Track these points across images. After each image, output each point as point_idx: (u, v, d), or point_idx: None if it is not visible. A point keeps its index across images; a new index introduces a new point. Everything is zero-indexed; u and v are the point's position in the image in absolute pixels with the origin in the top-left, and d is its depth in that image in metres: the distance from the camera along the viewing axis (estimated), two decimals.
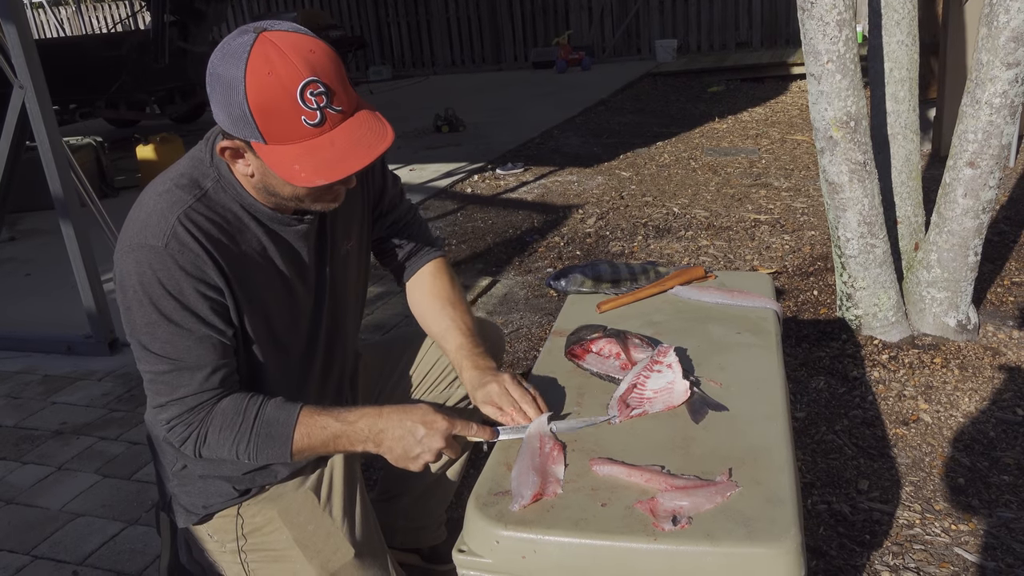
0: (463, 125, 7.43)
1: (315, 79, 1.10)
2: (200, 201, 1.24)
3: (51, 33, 14.75)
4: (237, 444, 1.26)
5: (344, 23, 12.91)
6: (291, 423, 1.27)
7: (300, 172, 1.13)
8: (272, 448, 1.27)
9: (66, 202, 3.13)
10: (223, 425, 1.26)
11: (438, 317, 1.56)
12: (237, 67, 1.10)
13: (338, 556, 1.39)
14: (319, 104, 1.11)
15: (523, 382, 1.38)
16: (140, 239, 1.21)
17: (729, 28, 11.09)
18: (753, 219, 4.21)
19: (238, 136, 1.16)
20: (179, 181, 1.26)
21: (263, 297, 1.33)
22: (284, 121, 1.11)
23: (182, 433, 1.27)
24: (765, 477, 1.15)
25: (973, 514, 1.92)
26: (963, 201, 2.48)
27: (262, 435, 1.26)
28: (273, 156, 1.14)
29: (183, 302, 1.21)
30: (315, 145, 1.13)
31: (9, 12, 2.93)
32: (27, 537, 2.18)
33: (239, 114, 1.12)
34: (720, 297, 1.77)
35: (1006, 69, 2.29)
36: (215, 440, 1.27)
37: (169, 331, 1.21)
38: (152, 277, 1.19)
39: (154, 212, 1.22)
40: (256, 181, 1.24)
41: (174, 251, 1.19)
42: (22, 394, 3.04)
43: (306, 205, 1.28)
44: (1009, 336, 2.66)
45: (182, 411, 1.26)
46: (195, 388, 1.25)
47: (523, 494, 1.14)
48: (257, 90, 1.09)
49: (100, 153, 6.00)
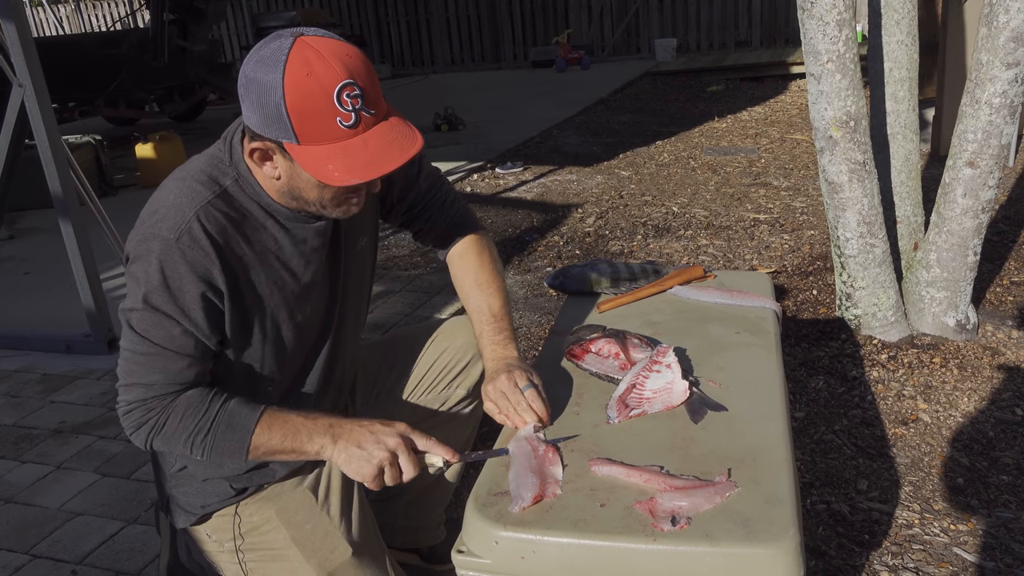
0: (462, 124, 7.42)
1: (352, 81, 1.13)
2: (219, 198, 1.26)
3: (50, 31, 14.73)
4: (195, 435, 1.25)
5: (343, 22, 12.91)
6: (254, 417, 1.27)
7: (334, 172, 1.15)
8: (230, 440, 1.26)
9: (65, 200, 3.12)
10: (185, 413, 1.26)
11: (465, 298, 1.58)
12: (275, 69, 1.12)
13: (336, 555, 1.40)
14: (355, 106, 1.14)
15: (531, 381, 1.37)
16: (155, 229, 1.22)
17: (729, 27, 11.09)
18: (752, 218, 4.21)
19: (269, 137, 1.17)
20: (199, 177, 1.27)
21: (276, 295, 1.33)
22: (320, 122, 1.13)
23: (139, 418, 1.27)
24: (764, 477, 1.15)
25: (972, 514, 1.92)
26: (962, 201, 2.48)
27: (222, 425, 1.26)
28: (306, 156, 1.16)
29: (179, 299, 1.22)
30: (349, 146, 1.15)
31: (8, 10, 2.92)
32: (26, 536, 2.17)
33: (274, 114, 1.13)
34: (719, 297, 1.77)
35: (1006, 69, 2.29)
36: (173, 429, 1.26)
37: (157, 318, 1.23)
38: (157, 267, 1.21)
39: (173, 205, 1.24)
40: (282, 184, 1.25)
41: (185, 246, 1.21)
42: (21, 393, 3.04)
43: (328, 211, 1.29)
44: (1008, 336, 2.66)
45: (147, 396, 1.26)
46: (168, 377, 1.26)
47: (523, 496, 1.14)
48: (295, 91, 1.11)
49: (99, 151, 5.99)
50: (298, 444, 1.27)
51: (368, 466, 1.23)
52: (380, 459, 1.23)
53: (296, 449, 1.28)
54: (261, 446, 1.27)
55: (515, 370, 1.39)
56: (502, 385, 1.37)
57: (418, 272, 3.92)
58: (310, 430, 1.27)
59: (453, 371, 1.68)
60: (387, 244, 4.38)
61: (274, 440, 1.27)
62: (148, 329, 1.23)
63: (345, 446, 1.25)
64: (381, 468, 1.23)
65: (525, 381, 1.37)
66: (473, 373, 1.69)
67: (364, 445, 1.24)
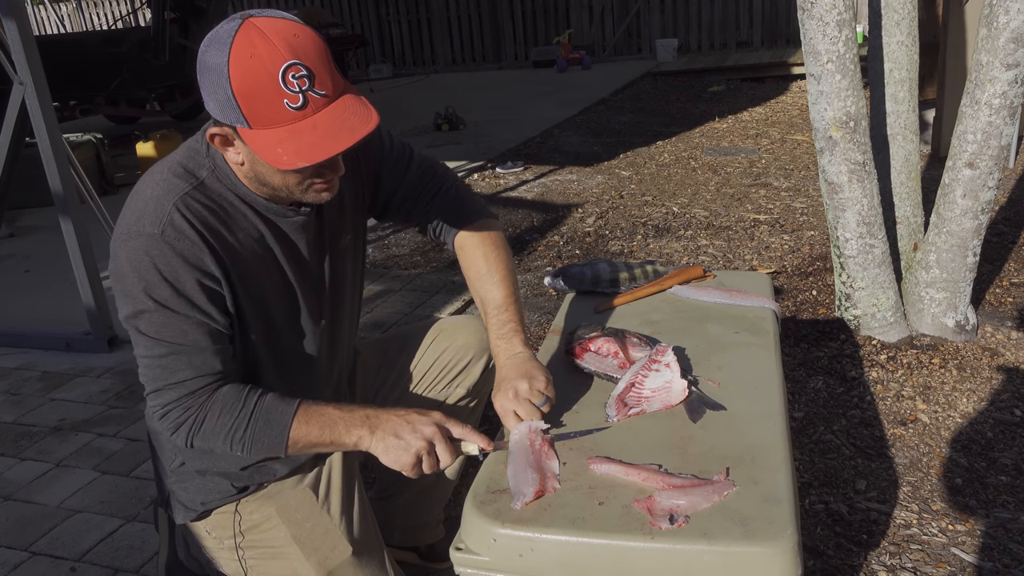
0: (463, 123, 7.42)
1: (297, 62, 1.11)
2: (196, 189, 1.25)
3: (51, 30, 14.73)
4: (234, 431, 1.25)
5: (345, 21, 12.90)
6: (291, 411, 1.27)
7: (282, 155, 1.13)
8: (269, 436, 1.26)
9: (66, 198, 3.13)
10: (223, 410, 1.25)
11: (472, 293, 1.54)
12: (222, 52, 1.10)
13: (336, 554, 1.40)
14: (301, 87, 1.11)
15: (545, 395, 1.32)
16: (137, 227, 1.21)
17: (730, 28, 11.09)
18: (752, 219, 4.21)
19: (225, 122, 1.16)
20: (175, 170, 1.26)
21: (262, 287, 1.32)
22: (267, 104, 1.12)
23: (178, 418, 1.25)
24: (762, 476, 1.16)
25: (970, 514, 1.92)
26: (962, 202, 2.48)
27: (260, 421, 1.25)
28: (258, 141, 1.14)
29: (179, 289, 1.20)
30: (297, 129, 1.13)
31: (10, 8, 2.93)
32: (25, 533, 2.18)
33: (224, 99, 1.12)
34: (719, 296, 1.77)
35: (1006, 70, 2.29)
36: (212, 426, 1.25)
37: (165, 316, 1.21)
38: (149, 264, 1.19)
39: (150, 200, 1.23)
40: (247, 170, 1.24)
41: (171, 238, 1.20)
42: (21, 390, 3.04)
43: (298, 196, 1.27)
44: (1007, 337, 2.67)
45: (181, 395, 1.24)
46: (195, 371, 1.24)
47: (524, 492, 1.14)
48: (240, 74, 1.10)
49: (100, 150, 5.99)
50: (336, 436, 1.27)
51: (406, 455, 1.24)
52: (418, 448, 1.23)
53: (334, 441, 1.28)
54: (300, 439, 1.27)
55: (523, 382, 1.32)
56: (510, 403, 1.31)
57: (418, 271, 3.92)
58: (347, 422, 1.27)
59: (453, 370, 1.68)
60: (387, 243, 4.38)
61: (312, 433, 1.26)
62: (160, 330, 1.22)
63: (383, 436, 1.25)
64: (419, 457, 1.24)
65: (540, 397, 1.31)
66: (473, 372, 1.69)
67: (401, 435, 1.24)
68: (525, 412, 1.30)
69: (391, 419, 1.27)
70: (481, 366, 1.69)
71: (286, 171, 1.19)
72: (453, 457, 1.26)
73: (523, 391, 1.31)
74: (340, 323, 1.51)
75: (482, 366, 1.69)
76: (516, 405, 1.31)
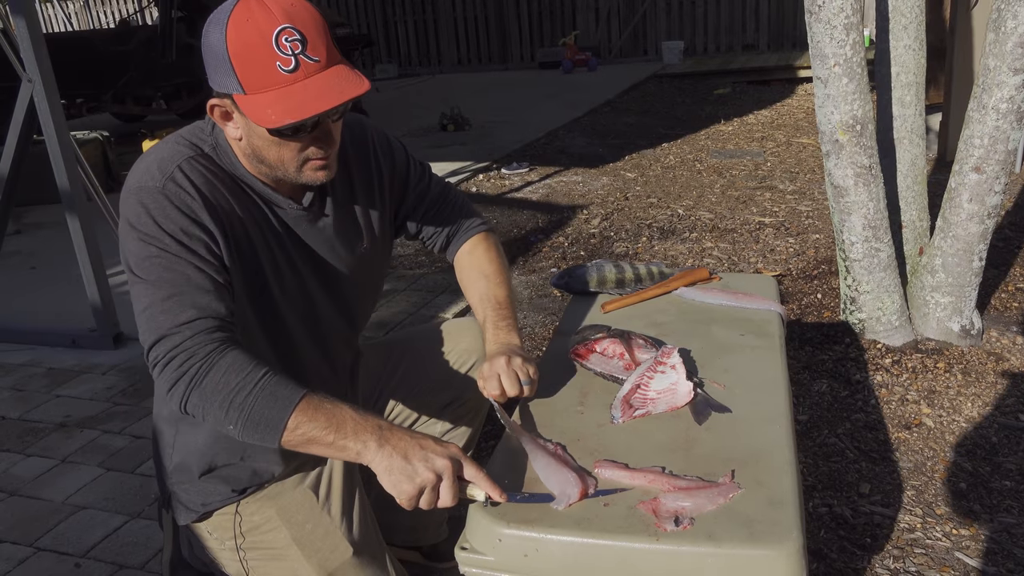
0: (469, 124, 7.43)
1: (290, 26, 1.14)
2: (201, 156, 1.28)
3: (59, 28, 14.78)
4: (235, 395, 1.14)
5: (351, 21, 12.92)
6: (299, 393, 1.16)
7: (271, 115, 1.15)
8: (269, 411, 1.14)
9: (72, 196, 3.14)
10: (229, 368, 1.15)
11: (470, 289, 1.56)
12: (221, 23, 1.15)
13: (336, 555, 1.39)
14: (294, 51, 1.15)
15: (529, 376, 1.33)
16: (140, 182, 1.24)
17: (736, 30, 11.08)
18: (758, 222, 4.21)
19: (223, 91, 1.19)
20: (179, 140, 1.30)
21: (261, 263, 1.32)
22: (260, 66, 1.15)
23: (180, 366, 1.15)
24: (767, 479, 1.16)
25: (974, 519, 1.92)
26: (968, 206, 2.48)
27: (266, 392, 1.14)
28: (251, 105, 1.17)
29: (178, 238, 1.20)
30: (289, 91, 1.16)
31: (19, 6, 2.94)
32: (30, 529, 2.18)
33: (221, 65, 1.16)
34: (724, 299, 1.77)
35: (1013, 74, 2.29)
36: (214, 383, 1.14)
37: (167, 260, 1.19)
38: (146, 215, 1.21)
39: (153, 161, 1.26)
40: (244, 145, 1.26)
41: (170, 192, 1.22)
42: (27, 387, 3.05)
43: (292, 174, 1.27)
44: (1013, 342, 2.66)
45: (185, 338, 1.15)
46: (199, 311, 1.17)
47: (569, 493, 1.13)
48: (236, 37, 1.14)
49: (106, 148, 6.01)
50: (340, 436, 1.14)
51: (409, 484, 1.11)
52: (424, 480, 1.11)
53: (335, 443, 1.14)
54: (301, 427, 1.14)
55: (515, 357, 1.35)
56: (499, 367, 1.33)
57: (423, 271, 3.92)
58: (357, 425, 1.15)
59: (457, 374, 1.67)
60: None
61: (317, 425, 1.14)
62: (162, 274, 1.18)
63: (391, 453, 1.13)
64: (422, 489, 1.11)
65: (525, 376, 1.33)
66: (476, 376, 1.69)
67: (411, 459, 1.12)
68: (509, 382, 1.31)
69: (404, 438, 1.15)
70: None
71: (280, 142, 1.21)
72: (455, 500, 1.13)
73: (515, 364, 1.33)
74: (346, 322, 1.51)
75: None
76: (503, 372, 1.32)
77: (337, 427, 1.15)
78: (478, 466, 1.16)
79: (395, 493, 1.13)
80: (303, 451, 1.17)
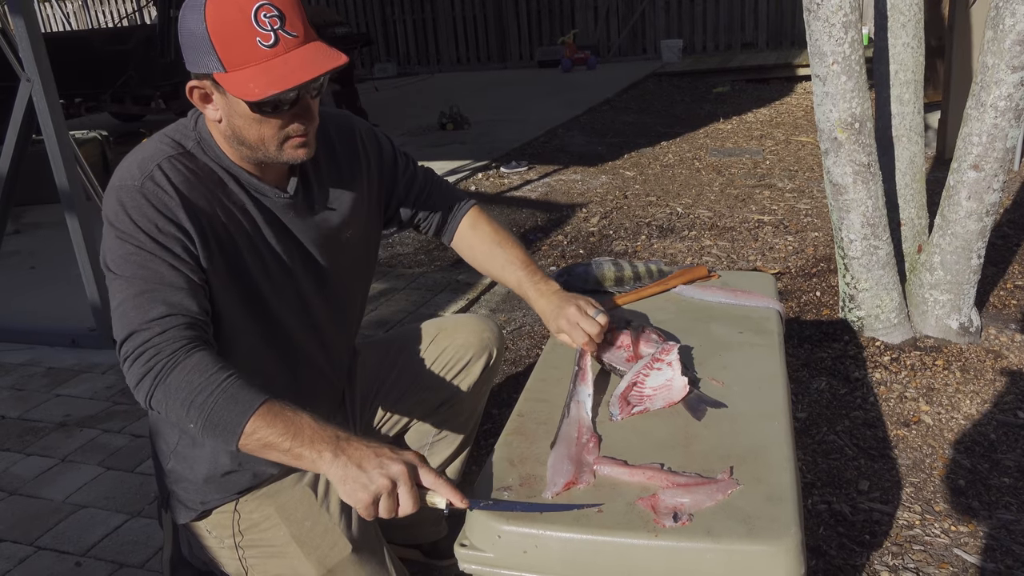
0: (468, 123, 7.43)
1: (268, 3, 1.18)
2: (183, 155, 1.30)
3: (57, 27, 14.77)
4: (196, 394, 1.15)
5: (350, 20, 12.91)
6: (260, 398, 1.16)
7: (254, 88, 1.17)
8: (228, 413, 1.14)
9: (72, 195, 3.14)
10: (194, 368, 1.16)
11: (490, 261, 1.62)
12: (198, 6, 1.18)
13: (335, 552, 1.39)
14: (273, 26, 1.18)
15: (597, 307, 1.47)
16: (120, 181, 1.26)
17: (735, 29, 11.08)
18: (756, 220, 4.21)
19: (202, 71, 1.21)
20: (162, 139, 1.32)
21: (244, 261, 1.32)
22: (240, 43, 1.17)
23: (147, 363, 1.17)
24: (766, 475, 1.16)
25: (973, 516, 1.92)
26: (967, 204, 2.48)
27: (227, 394, 1.15)
28: (232, 82, 1.19)
29: (153, 236, 1.22)
30: (270, 66, 1.18)
31: (18, 5, 2.94)
32: (30, 528, 2.19)
33: (201, 45, 1.18)
34: (723, 297, 1.77)
35: (1011, 72, 2.29)
36: (177, 381, 1.16)
37: (141, 258, 1.22)
38: (123, 213, 1.23)
39: (134, 162, 1.28)
40: (224, 127, 1.27)
41: (148, 191, 1.24)
42: (26, 386, 3.06)
43: (273, 153, 1.28)
44: (1011, 339, 2.66)
45: (154, 335, 1.17)
46: (169, 308, 1.19)
47: (556, 482, 1.16)
48: (215, 15, 1.17)
49: (105, 147, 6.01)
50: (297, 444, 1.14)
51: (364, 492, 1.11)
52: (379, 486, 1.10)
53: (292, 450, 1.14)
54: (258, 431, 1.14)
55: (579, 300, 1.48)
56: (573, 316, 1.45)
57: (422, 270, 3.93)
58: (315, 432, 1.14)
59: (454, 369, 1.68)
60: (391, 242, 4.39)
61: (275, 429, 1.14)
62: (136, 270, 1.21)
63: (346, 463, 1.12)
64: (377, 496, 1.11)
65: (593, 308, 1.46)
66: (473, 371, 1.69)
67: (366, 468, 1.11)
68: (590, 324, 1.44)
69: (360, 447, 1.13)
70: (481, 365, 1.70)
71: (260, 119, 1.23)
72: (416, 505, 1.13)
73: (583, 306, 1.47)
74: (337, 315, 1.51)
75: (482, 365, 1.70)
76: (581, 319, 1.45)
77: (294, 434, 1.14)
78: (436, 472, 1.15)
79: (352, 502, 1.13)
80: (260, 456, 1.17)
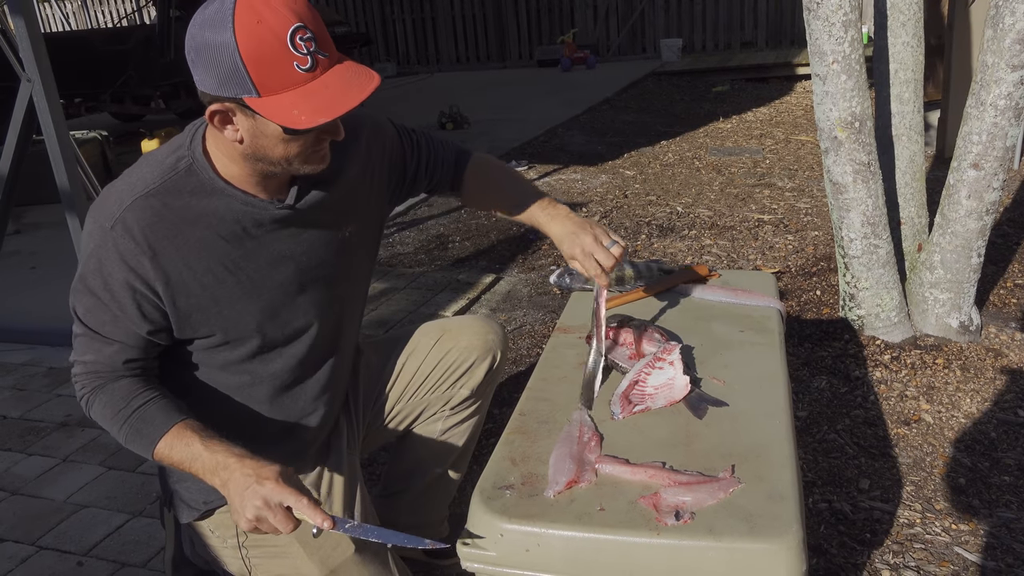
0: (467, 123, 7.43)
1: (303, 25, 1.13)
2: (163, 188, 1.27)
3: (56, 27, 14.76)
4: (112, 424, 1.30)
5: (349, 19, 12.91)
6: (162, 431, 1.26)
7: (300, 116, 1.14)
8: (138, 443, 1.29)
9: (72, 195, 3.14)
10: (110, 401, 1.29)
11: (500, 203, 1.65)
12: (224, 26, 1.11)
13: (338, 553, 1.40)
14: (309, 49, 1.14)
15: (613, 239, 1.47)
16: (97, 214, 1.27)
17: (734, 28, 11.08)
18: (757, 219, 4.22)
19: (228, 96, 1.15)
20: (151, 162, 1.31)
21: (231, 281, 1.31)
22: (278, 68, 1.13)
23: (80, 389, 1.33)
24: (767, 474, 1.16)
25: (974, 514, 1.92)
26: (967, 203, 2.49)
27: (134, 428, 1.28)
28: (269, 107, 1.14)
29: (109, 284, 1.25)
30: (309, 90, 1.15)
31: (18, 6, 2.94)
32: (32, 528, 2.19)
33: (231, 71, 1.12)
34: (724, 296, 1.78)
35: (1011, 71, 2.30)
36: (100, 410, 1.31)
37: (92, 302, 1.27)
38: (94, 253, 1.25)
39: (117, 191, 1.28)
40: (245, 147, 1.22)
41: (117, 236, 1.24)
42: (27, 386, 3.06)
43: (294, 167, 1.26)
44: (1011, 338, 2.67)
45: (83, 371, 1.32)
46: (100, 359, 1.30)
47: (558, 480, 1.16)
48: (248, 41, 1.10)
49: (105, 147, 6.01)
50: (194, 470, 1.25)
51: (243, 521, 1.18)
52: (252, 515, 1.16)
53: (196, 474, 1.25)
54: (164, 459, 1.27)
55: (594, 227, 1.49)
56: (589, 246, 1.46)
57: (422, 269, 3.93)
58: (204, 464, 1.23)
59: (457, 371, 1.68)
60: (392, 241, 4.39)
61: (175, 458, 1.26)
62: (85, 313, 1.28)
63: (229, 494, 1.20)
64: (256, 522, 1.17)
65: (608, 239, 1.47)
66: (477, 374, 1.69)
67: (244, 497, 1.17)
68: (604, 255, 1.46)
69: (237, 477, 1.19)
70: (485, 367, 1.69)
71: (290, 139, 1.20)
72: (291, 527, 1.17)
73: (598, 232, 1.48)
74: (341, 315, 1.49)
75: (486, 367, 1.69)
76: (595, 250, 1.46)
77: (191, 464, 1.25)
78: (299, 494, 1.17)
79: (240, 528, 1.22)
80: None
